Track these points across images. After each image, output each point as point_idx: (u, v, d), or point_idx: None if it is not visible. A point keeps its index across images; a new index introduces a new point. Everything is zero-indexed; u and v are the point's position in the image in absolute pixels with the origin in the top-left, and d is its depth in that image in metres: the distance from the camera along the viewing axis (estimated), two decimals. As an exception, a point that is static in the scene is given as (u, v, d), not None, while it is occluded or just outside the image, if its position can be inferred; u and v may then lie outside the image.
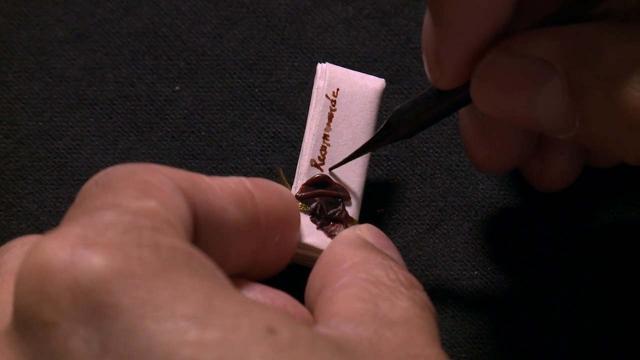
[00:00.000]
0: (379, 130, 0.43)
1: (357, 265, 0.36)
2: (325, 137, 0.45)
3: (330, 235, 0.43)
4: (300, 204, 0.43)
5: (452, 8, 0.36)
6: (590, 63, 0.35)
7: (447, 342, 0.45)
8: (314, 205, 0.44)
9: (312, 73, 0.49)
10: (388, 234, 0.41)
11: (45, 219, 0.47)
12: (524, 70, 0.36)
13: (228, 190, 0.37)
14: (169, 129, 0.49)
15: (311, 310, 0.37)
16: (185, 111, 0.49)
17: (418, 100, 0.41)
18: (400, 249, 0.46)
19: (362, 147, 0.44)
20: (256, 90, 0.49)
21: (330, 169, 0.44)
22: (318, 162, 0.44)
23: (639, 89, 0.34)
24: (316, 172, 0.44)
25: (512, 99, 0.37)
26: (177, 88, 0.49)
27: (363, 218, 0.44)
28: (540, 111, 0.36)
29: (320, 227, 0.43)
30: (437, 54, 0.38)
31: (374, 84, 0.45)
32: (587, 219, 0.47)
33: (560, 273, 0.46)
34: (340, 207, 0.44)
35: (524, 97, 0.37)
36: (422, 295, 0.36)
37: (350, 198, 0.44)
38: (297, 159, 0.45)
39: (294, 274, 0.41)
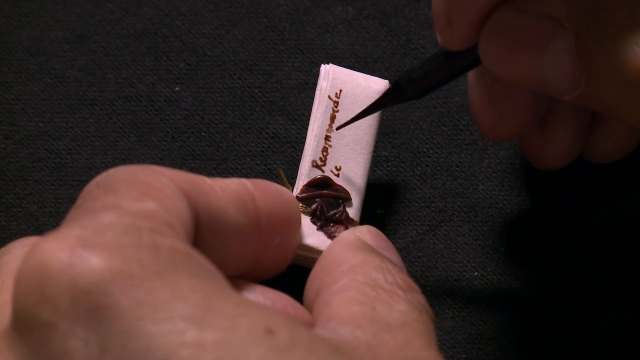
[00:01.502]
0: (387, 90, 0.43)
1: (355, 267, 0.36)
2: (327, 138, 0.45)
3: (331, 236, 0.43)
4: (300, 205, 0.43)
5: None
6: (599, 21, 0.35)
7: (447, 342, 0.45)
8: (314, 206, 0.44)
9: (312, 74, 0.49)
10: (388, 235, 0.41)
11: (45, 219, 0.47)
12: (532, 27, 0.36)
13: (229, 192, 0.37)
14: (169, 130, 0.49)
15: (310, 312, 0.37)
16: (185, 112, 0.49)
17: (427, 60, 0.41)
18: (400, 250, 0.46)
19: (370, 106, 0.43)
20: (256, 90, 0.49)
21: (337, 129, 0.44)
22: (319, 163, 0.44)
23: None
24: (317, 173, 0.44)
25: (519, 56, 0.37)
26: (177, 89, 0.49)
27: (363, 219, 0.44)
28: (547, 69, 0.36)
29: (320, 228, 0.43)
30: (447, 15, 0.37)
31: (378, 85, 0.45)
32: (588, 220, 0.47)
33: (560, 273, 0.46)
34: (340, 208, 0.44)
35: (532, 54, 0.37)
36: (419, 298, 0.36)
37: (351, 199, 0.44)
38: (297, 159, 0.45)
39: (294, 275, 0.41)
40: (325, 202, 0.44)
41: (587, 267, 0.46)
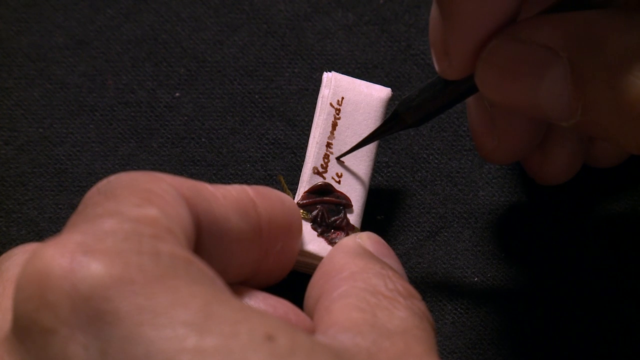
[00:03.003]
0: (386, 119, 0.43)
1: (355, 274, 0.36)
2: (328, 145, 0.45)
3: (331, 242, 0.43)
4: (301, 211, 0.43)
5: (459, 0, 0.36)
6: (594, 51, 0.35)
7: (447, 348, 0.45)
8: (315, 212, 0.44)
9: (313, 79, 0.49)
10: (388, 240, 0.41)
11: (45, 225, 0.47)
12: (528, 56, 0.36)
13: (231, 199, 0.37)
14: (169, 136, 0.49)
15: (310, 318, 0.37)
16: (186, 117, 0.49)
17: (425, 88, 0.41)
18: (401, 256, 0.46)
19: (369, 136, 0.44)
20: (256, 96, 0.49)
21: (338, 158, 0.44)
22: (321, 170, 0.44)
23: None
24: (318, 180, 0.44)
25: (516, 84, 0.37)
26: (177, 94, 0.49)
27: (363, 225, 0.44)
28: (543, 98, 0.37)
29: (321, 235, 0.43)
30: (444, 45, 0.38)
31: (380, 93, 0.45)
32: (589, 227, 0.47)
33: (561, 279, 0.46)
34: (341, 215, 0.44)
35: (528, 83, 0.37)
36: (420, 305, 0.36)
37: (352, 205, 0.44)
38: (298, 165, 0.45)
39: (295, 282, 0.41)
40: (326, 208, 0.44)
41: (587, 272, 0.46)
